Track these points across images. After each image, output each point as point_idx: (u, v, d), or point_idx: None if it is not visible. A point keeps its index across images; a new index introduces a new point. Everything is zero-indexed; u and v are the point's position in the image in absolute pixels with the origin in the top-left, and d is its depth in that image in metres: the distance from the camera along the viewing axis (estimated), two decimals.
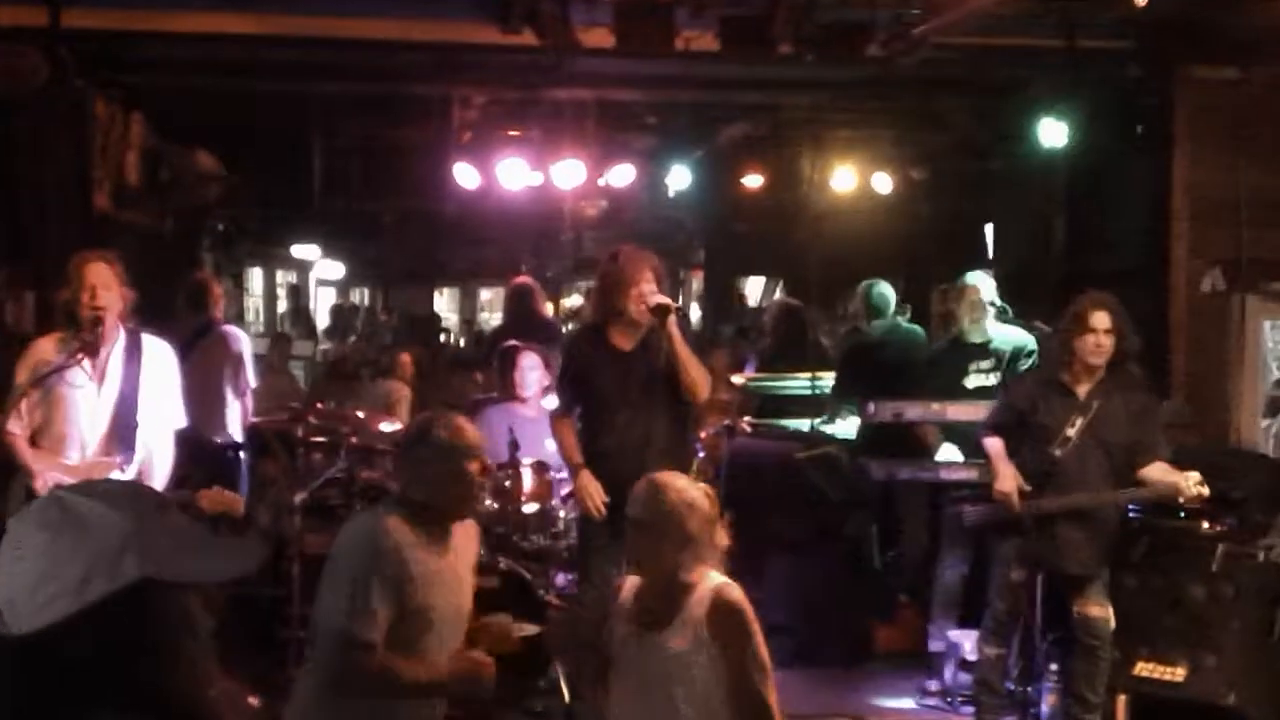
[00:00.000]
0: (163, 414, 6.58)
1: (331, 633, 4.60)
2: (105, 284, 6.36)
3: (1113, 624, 7.02)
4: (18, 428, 6.33)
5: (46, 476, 6.17)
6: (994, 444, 7.25)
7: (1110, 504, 7.01)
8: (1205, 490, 6.77)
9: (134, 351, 6.51)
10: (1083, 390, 7.04)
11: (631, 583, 4.76)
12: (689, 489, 4.61)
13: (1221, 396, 9.08)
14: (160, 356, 6.65)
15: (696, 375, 6.86)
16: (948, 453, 8.25)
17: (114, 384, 6.44)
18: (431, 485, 4.75)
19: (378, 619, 4.53)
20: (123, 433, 6.42)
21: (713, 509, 4.62)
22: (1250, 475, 7.64)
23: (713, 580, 4.56)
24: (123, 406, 6.42)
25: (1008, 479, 7.08)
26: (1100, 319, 6.95)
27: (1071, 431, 6.98)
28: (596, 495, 6.83)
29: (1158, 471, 6.89)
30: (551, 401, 7.72)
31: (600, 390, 6.95)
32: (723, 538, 4.64)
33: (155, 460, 6.50)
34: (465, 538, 4.95)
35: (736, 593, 4.54)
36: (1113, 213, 9.98)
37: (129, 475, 6.29)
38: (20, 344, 7.05)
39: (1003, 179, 11.62)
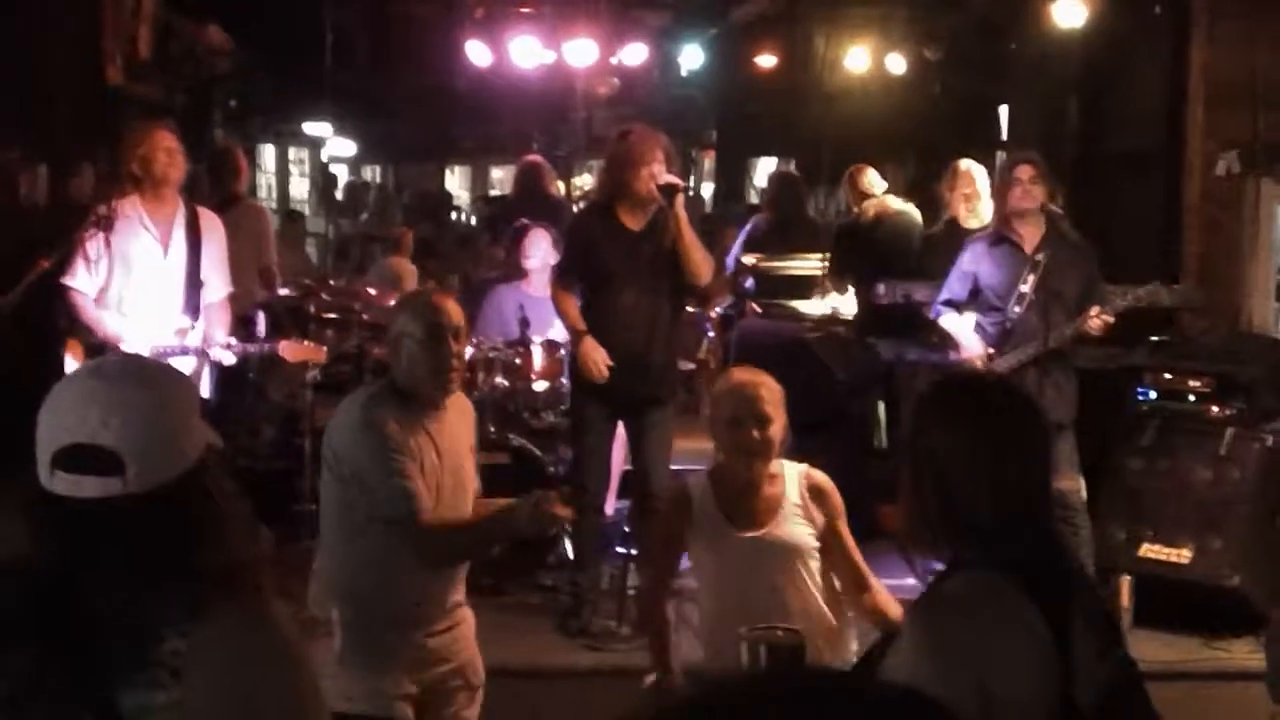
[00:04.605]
0: (216, 283, 6.87)
1: (395, 520, 4.28)
2: (178, 149, 6.69)
3: (1084, 495, 7.05)
4: (88, 286, 6.55)
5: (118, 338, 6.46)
6: (950, 319, 7.30)
7: (1046, 349, 6.93)
8: (1109, 318, 6.82)
9: (194, 223, 6.78)
10: (1029, 246, 7.07)
11: (697, 481, 4.76)
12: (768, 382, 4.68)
13: (1234, 280, 9.04)
14: (215, 228, 6.96)
15: (700, 258, 6.83)
16: None
17: (180, 254, 6.70)
18: (405, 364, 4.39)
19: (420, 490, 4.27)
20: (189, 301, 6.70)
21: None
22: (1260, 359, 7.64)
23: (793, 467, 4.73)
24: (189, 276, 6.71)
25: (972, 345, 7.17)
26: (1023, 170, 7.03)
27: (1025, 287, 7.01)
28: (602, 362, 6.77)
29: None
30: None
31: (606, 268, 6.87)
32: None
33: (215, 328, 6.79)
34: (458, 413, 4.57)
35: (821, 474, 4.75)
36: (1128, 94, 9.89)
37: (193, 343, 6.64)
38: (35, 216, 7.16)
39: (1018, 60, 11.51)
